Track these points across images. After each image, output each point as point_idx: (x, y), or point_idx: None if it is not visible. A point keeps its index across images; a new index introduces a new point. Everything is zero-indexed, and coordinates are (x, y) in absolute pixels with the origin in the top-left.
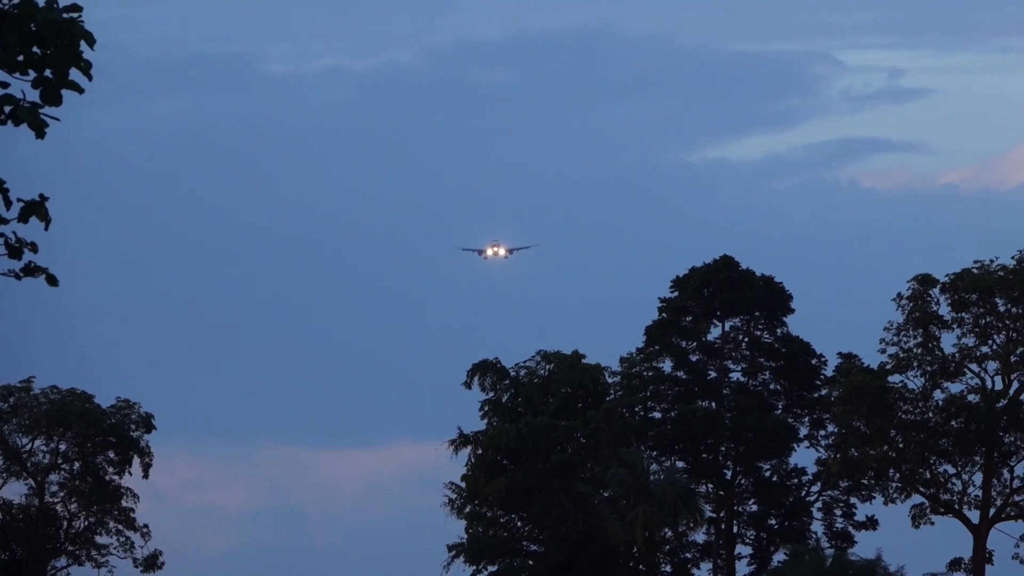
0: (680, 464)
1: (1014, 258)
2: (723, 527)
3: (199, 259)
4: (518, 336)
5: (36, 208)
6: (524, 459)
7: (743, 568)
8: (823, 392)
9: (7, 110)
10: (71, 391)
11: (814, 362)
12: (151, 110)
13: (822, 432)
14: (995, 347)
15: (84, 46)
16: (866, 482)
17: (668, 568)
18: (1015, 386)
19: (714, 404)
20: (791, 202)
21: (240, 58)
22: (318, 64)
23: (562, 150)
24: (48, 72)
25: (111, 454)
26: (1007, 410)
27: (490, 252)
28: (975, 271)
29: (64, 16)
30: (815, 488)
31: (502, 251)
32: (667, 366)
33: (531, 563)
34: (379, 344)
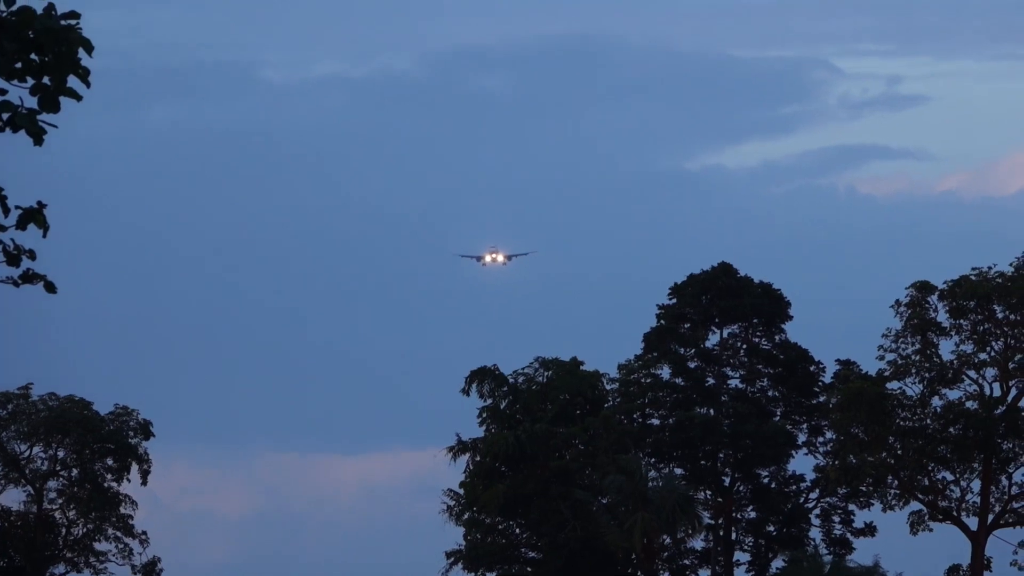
0: (678, 471)
1: (1012, 265)
2: (721, 534)
3: (196, 266)
4: (516, 343)
5: (34, 215)
6: (522, 466)
7: (741, 575)
8: (821, 399)
9: (5, 117)
10: (69, 398)
11: (812, 369)
12: (148, 117)
13: (820, 439)
14: (993, 354)
15: (82, 53)
16: (864, 489)
17: (667, 575)
18: (1013, 393)
19: (712, 411)
20: (789, 209)
21: (237, 65)
22: (315, 71)
23: (559, 156)
24: (46, 79)
25: (109, 461)
26: (1005, 417)
27: (488, 259)
28: (973, 278)
29: (62, 23)
30: (813, 495)
31: (500, 257)
32: (665, 373)
33: (529, 570)
34: (377, 350)
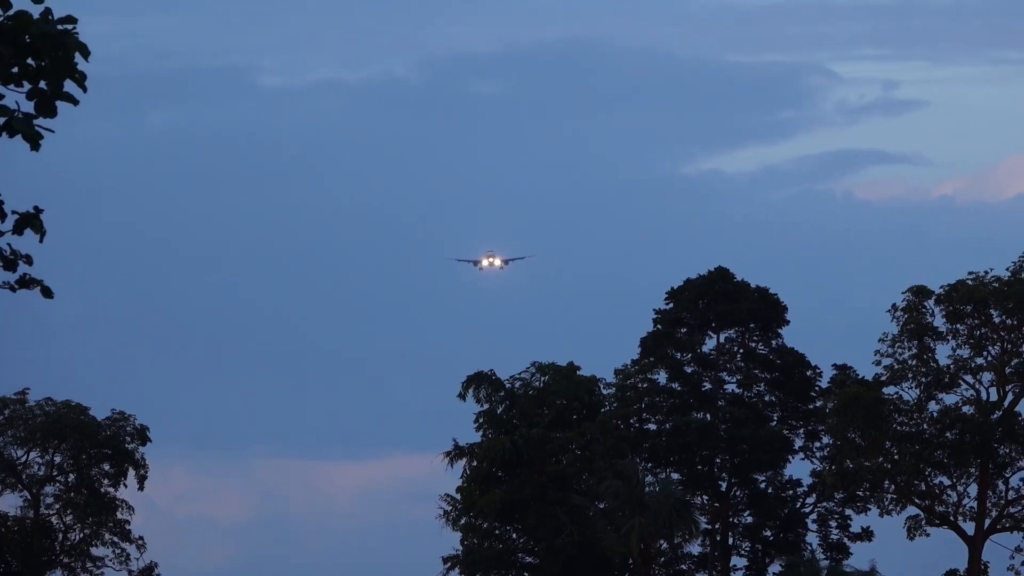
0: (675, 476)
1: (1009, 269)
2: (718, 539)
3: (193, 271)
4: (513, 347)
5: (31, 220)
6: (519, 471)
7: None
8: (818, 404)
9: (2, 122)
10: (66, 403)
11: (809, 374)
12: (145, 122)
13: (817, 444)
14: (990, 358)
15: (79, 58)
16: (861, 494)
17: None
18: (1010, 397)
19: (709, 416)
20: (785, 214)
21: (234, 70)
22: (312, 76)
23: (556, 161)
24: (43, 84)
25: (106, 466)
26: (1002, 421)
27: (485, 263)
28: (970, 282)
29: (59, 28)
30: (810, 500)
31: (497, 262)
32: (662, 378)
33: (526, 575)
34: (373, 355)
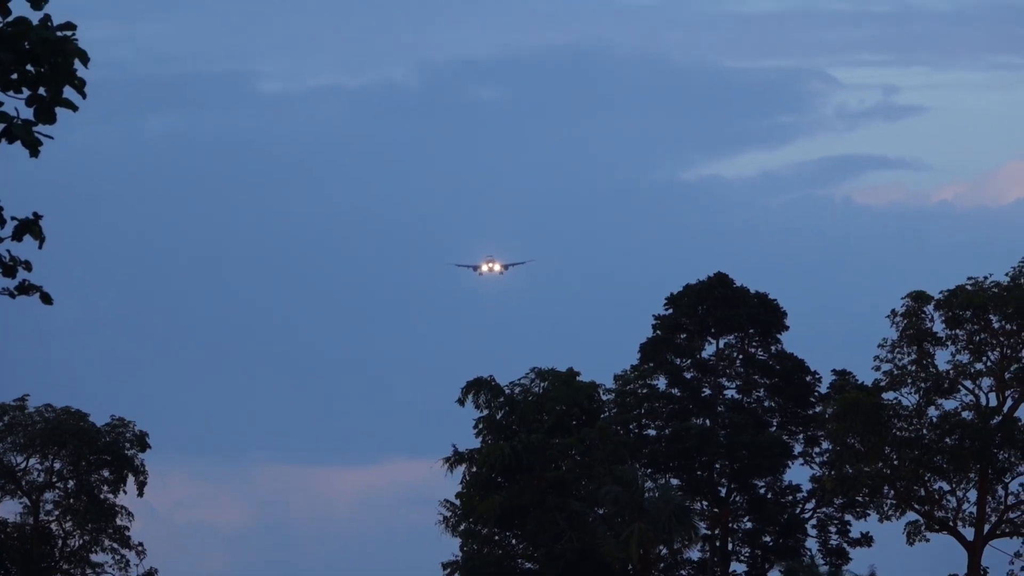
0: (675, 481)
1: (1008, 274)
2: (718, 544)
3: (192, 277)
4: (512, 353)
5: (30, 226)
6: (519, 477)
7: None
8: (817, 409)
9: (1, 128)
10: (65, 409)
11: (808, 379)
12: (145, 128)
13: (816, 449)
14: (989, 364)
15: (78, 64)
16: (861, 499)
17: None
18: (1009, 403)
19: (708, 421)
20: (785, 219)
21: (233, 76)
22: (312, 82)
23: (556, 167)
24: (42, 90)
25: (106, 473)
26: (1001, 427)
27: (485, 268)
28: (969, 288)
29: (58, 34)
30: (810, 505)
31: (497, 267)
32: (661, 383)
33: None
34: (373, 361)
